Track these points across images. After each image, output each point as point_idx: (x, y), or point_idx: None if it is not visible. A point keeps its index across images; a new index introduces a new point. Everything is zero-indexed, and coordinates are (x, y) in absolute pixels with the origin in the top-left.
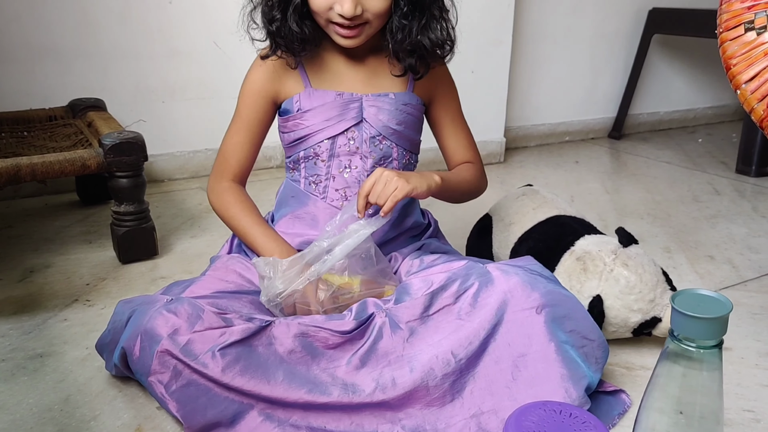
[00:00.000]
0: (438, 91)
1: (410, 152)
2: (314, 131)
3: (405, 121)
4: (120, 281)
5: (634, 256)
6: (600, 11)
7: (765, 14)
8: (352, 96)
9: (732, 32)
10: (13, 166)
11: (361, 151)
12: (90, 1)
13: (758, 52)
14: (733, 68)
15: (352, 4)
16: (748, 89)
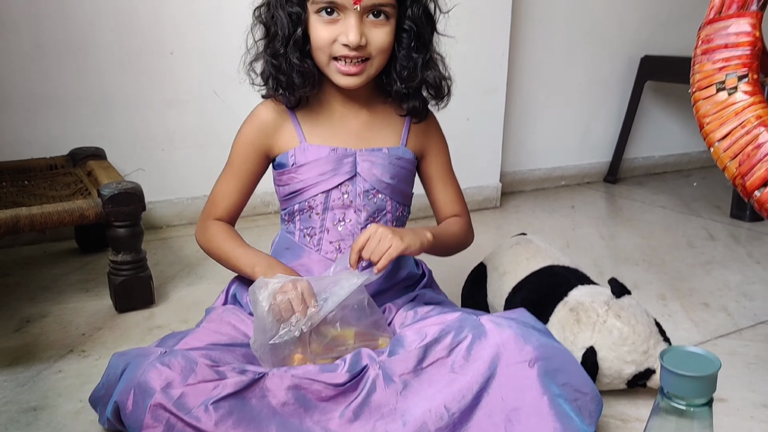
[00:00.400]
0: (430, 146)
1: (403, 205)
2: (309, 185)
3: (398, 175)
4: (116, 331)
5: (626, 307)
6: (593, 59)
7: (735, 75)
8: (347, 151)
9: (704, 92)
10: (12, 217)
11: (355, 205)
12: (92, 52)
13: (729, 112)
14: (706, 126)
15: (357, 32)
16: (720, 147)
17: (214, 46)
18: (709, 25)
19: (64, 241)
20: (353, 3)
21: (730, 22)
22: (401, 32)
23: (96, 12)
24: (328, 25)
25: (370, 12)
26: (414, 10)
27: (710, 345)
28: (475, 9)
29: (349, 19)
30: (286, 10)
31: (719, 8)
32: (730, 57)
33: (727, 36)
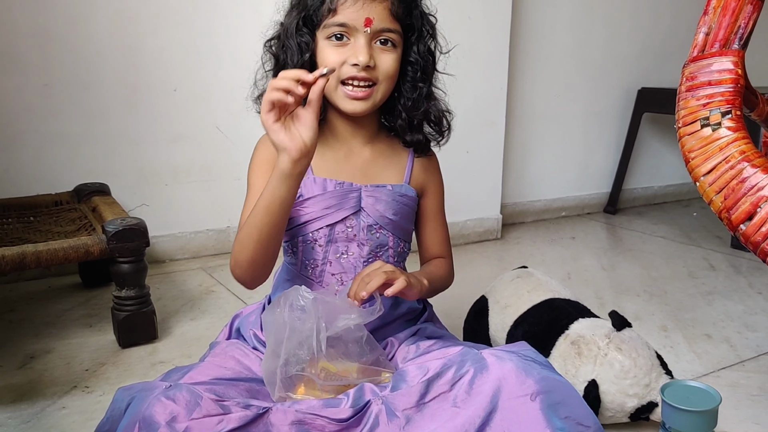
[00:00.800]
0: (429, 185)
1: (404, 241)
2: (313, 218)
3: (401, 211)
4: (119, 366)
5: (627, 340)
6: (590, 91)
7: (719, 111)
8: (352, 186)
9: (689, 128)
10: (19, 254)
11: (358, 239)
12: (98, 90)
13: (714, 147)
14: (692, 161)
15: (367, 53)
16: (706, 182)
17: (216, 82)
18: (692, 62)
19: (68, 276)
20: (364, 25)
21: (713, 60)
22: (406, 65)
23: (102, 52)
24: (337, 49)
25: (378, 38)
26: (419, 46)
27: (713, 377)
28: (474, 44)
29: (358, 42)
30: (297, 40)
31: (702, 47)
32: (714, 94)
33: (710, 73)
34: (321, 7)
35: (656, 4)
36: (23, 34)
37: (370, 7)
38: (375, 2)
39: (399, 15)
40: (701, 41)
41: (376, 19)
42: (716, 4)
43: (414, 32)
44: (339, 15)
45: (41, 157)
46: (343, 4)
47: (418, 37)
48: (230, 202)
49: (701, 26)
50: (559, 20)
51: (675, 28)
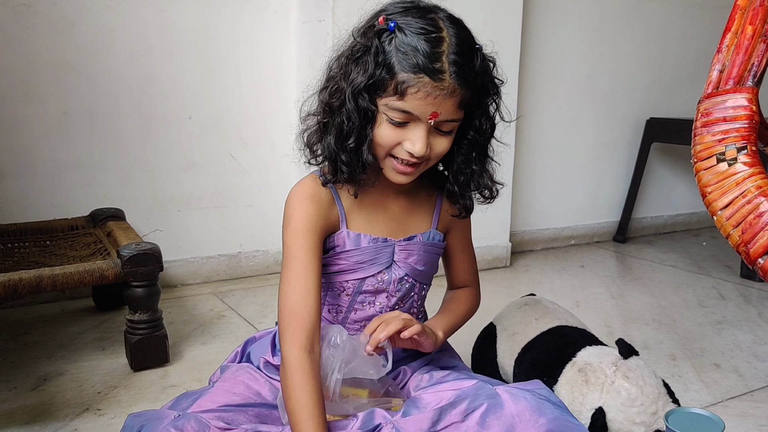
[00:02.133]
0: (455, 223)
1: (426, 285)
2: (345, 270)
3: (430, 261)
4: (131, 389)
5: (634, 368)
6: (599, 121)
7: (735, 147)
8: (387, 242)
9: (705, 162)
10: (36, 277)
11: (388, 291)
12: (114, 119)
13: (730, 182)
14: (709, 196)
15: (424, 143)
16: (723, 216)
17: (230, 111)
18: (707, 99)
19: (82, 299)
20: (428, 118)
21: (727, 97)
22: (463, 138)
23: (118, 82)
24: (396, 129)
25: (438, 125)
26: (482, 121)
27: (721, 407)
28: None
29: (418, 130)
30: (360, 105)
31: (716, 84)
32: (729, 129)
33: (725, 110)
34: (387, 82)
35: (665, 35)
36: (43, 65)
37: (441, 103)
38: (447, 98)
39: (468, 104)
40: (715, 78)
41: (443, 113)
42: (729, 43)
43: (479, 105)
44: (405, 102)
45: (58, 183)
46: (413, 94)
47: (483, 112)
48: (242, 228)
49: (715, 64)
50: (568, 51)
51: (684, 59)
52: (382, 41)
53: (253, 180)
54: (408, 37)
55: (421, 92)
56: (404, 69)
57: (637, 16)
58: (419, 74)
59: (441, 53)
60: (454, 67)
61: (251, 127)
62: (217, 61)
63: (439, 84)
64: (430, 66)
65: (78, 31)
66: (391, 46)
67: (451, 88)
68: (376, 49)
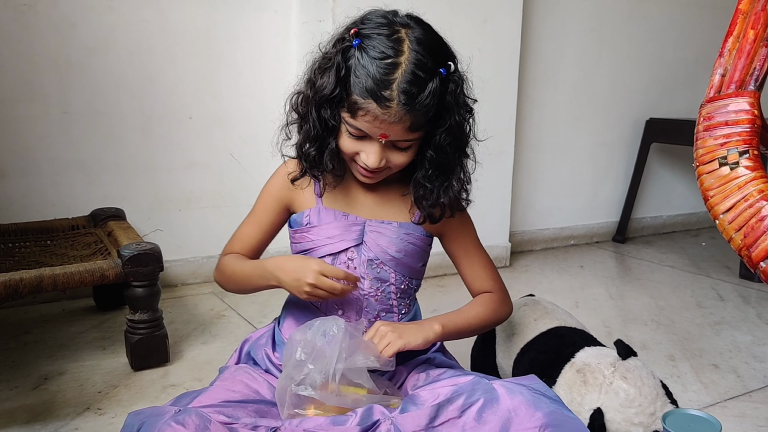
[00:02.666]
0: (449, 226)
1: (409, 278)
2: (317, 246)
3: (405, 249)
4: (131, 389)
5: (632, 369)
6: (598, 122)
7: (736, 150)
8: (356, 219)
9: (707, 166)
10: (36, 277)
11: (359, 271)
12: (115, 118)
13: (732, 186)
14: (711, 200)
15: (377, 158)
16: (725, 220)
17: (231, 111)
18: (709, 103)
19: (82, 298)
20: (378, 137)
21: (729, 101)
22: (425, 153)
23: (119, 82)
24: (354, 140)
25: (394, 142)
26: (441, 138)
27: (719, 407)
28: (483, 76)
29: (372, 145)
30: (322, 116)
31: (718, 87)
32: (731, 134)
33: (727, 114)
34: (344, 99)
35: (664, 35)
36: (44, 64)
37: (387, 127)
38: (393, 123)
39: (420, 126)
40: (717, 82)
41: (392, 135)
42: (731, 47)
43: (441, 121)
44: (357, 121)
45: (59, 183)
46: (363, 116)
47: (444, 130)
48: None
49: (717, 68)
50: (568, 52)
51: (683, 59)
52: (346, 57)
53: (253, 179)
54: (364, 59)
55: (369, 116)
56: (356, 91)
57: (635, 17)
58: (367, 99)
59: (392, 81)
60: (403, 96)
61: (252, 127)
62: (217, 60)
63: (385, 111)
64: (378, 93)
65: (79, 31)
66: (351, 65)
67: (398, 116)
68: (338, 65)
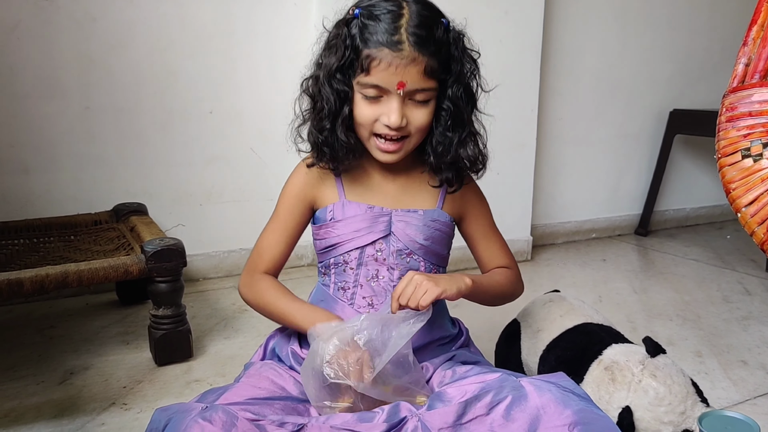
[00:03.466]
0: (468, 208)
1: (437, 266)
2: (344, 240)
3: (432, 236)
4: (155, 384)
5: (662, 367)
6: (621, 114)
7: (760, 142)
8: (383, 210)
9: (730, 158)
10: (62, 272)
11: (388, 263)
12: (136, 114)
13: (755, 178)
14: (733, 192)
15: (398, 114)
16: (748, 213)
17: (251, 105)
18: (732, 93)
19: (105, 293)
20: (396, 88)
21: (753, 91)
22: (440, 110)
23: (140, 77)
24: (371, 105)
25: (411, 96)
26: (454, 89)
27: (749, 405)
28: (505, 67)
29: (391, 102)
30: (334, 87)
31: (742, 77)
32: (755, 125)
33: (750, 104)
34: (355, 62)
35: (689, 24)
36: (66, 60)
37: (403, 72)
38: (408, 66)
39: (435, 71)
40: (741, 72)
41: (410, 81)
42: (756, 36)
43: (451, 74)
44: (371, 76)
45: (81, 178)
46: (376, 67)
47: (455, 80)
48: (263, 221)
49: (741, 57)
50: (590, 42)
51: (708, 49)
52: (350, 27)
53: (273, 174)
54: (371, 19)
55: (383, 63)
56: (367, 46)
57: (660, 6)
58: (379, 47)
59: (399, 26)
60: (413, 37)
61: (271, 121)
62: (237, 54)
63: (398, 54)
64: (389, 39)
65: (100, 27)
66: (356, 30)
67: (411, 56)
68: (344, 34)
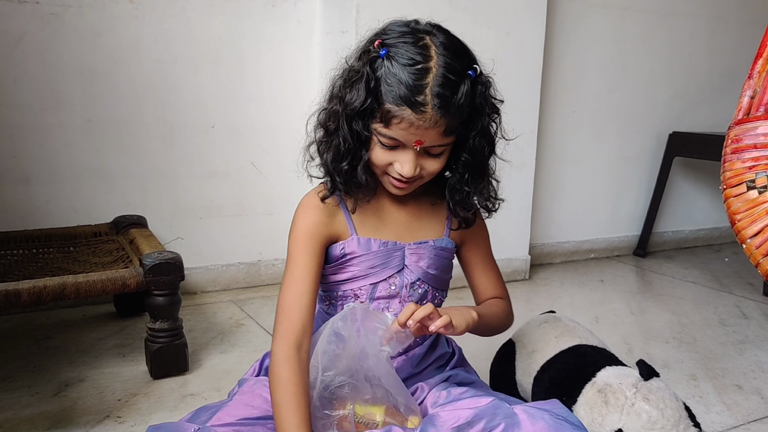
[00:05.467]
0: (471, 235)
1: (442, 290)
2: (357, 276)
3: (441, 265)
4: (150, 398)
5: (655, 390)
6: (621, 135)
7: (765, 174)
8: (396, 245)
9: (735, 189)
10: (60, 284)
11: (401, 295)
12: (138, 127)
13: (760, 210)
14: (738, 223)
15: (412, 167)
16: (753, 244)
17: (253, 120)
18: (737, 125)
19: (103, 304)
20: (413, 145)
21: (758, 124)
22: (458, 158)
23: (143, 91)
24: (387, 151)
25: (428, 149)
26: (475, 142)
27: (743, 430)
28: (506, 87)
29: (406, 154)
30: (354, 130)
31: (747, 110)
32: (760, 157)
33: (755, 136)
34: (376, 111)
35: (688, 48)
36: (69, 74)
37: (423, 133)
38: (429, 128)
39: (455, 130)
40: (746, 104)
41: (428, 141)
42: (761, 69)
43: (473, 127)
44: (391, 130)
45: (82, 190)
46: (397, 124)
47: (476, 133)
48: (261, 235)
49: (746, 89)
50: (591, 64)
51: (707, 72)
52: (374, 68)
53: (273, 188)
54: (395, 67)
55: (404, 123)
56: (389, 100)
57: (660, 29)
58: (402, 106)
59: (424, 86)
60: (437, 99)
61: (273, 136)
62: (240, 70)
63: (420, 116)
64: (413, 99)
65: (105, 41)
66: (381, 74)
67: (434, 120)
68: (367, 76)
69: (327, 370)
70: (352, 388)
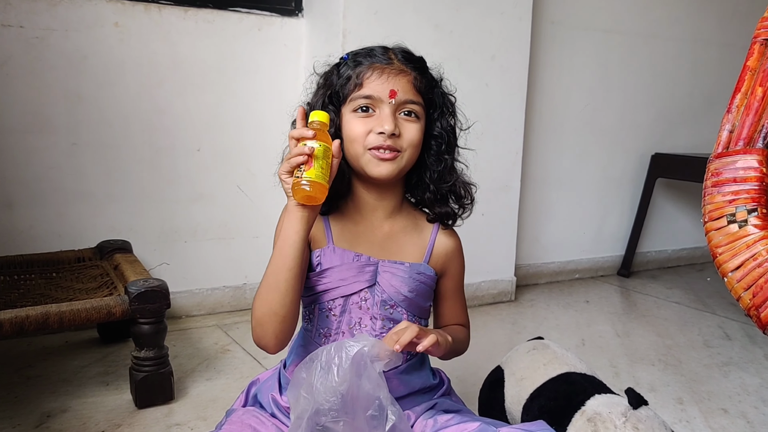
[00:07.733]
0: (450, 267)
1: (419, 317)
2: (330, 288)
3: (417, 289)
4: (135, 428)
5: (644, 419)
6: (604, 157)
7: (745, 208)
8: (369, 260)
9: (716, 223)
10: (42, 314)
11: (371, 312)
12: (124, 150)
13: (741, 244)
14: (719, 257)
15: (391, 120)
16: (734, 278)
17: (239, 143)
18: (717, 159)
19: (86, 330)
20: (389, 97)
21: (737, 158)
22: (430, 139)
23: (128, 114)
24: (363, 120)
25: (402, 109)
26: (442, 121)
27: None
28: (491, 110)
29: (384, 112)
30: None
31: (726, 144)
32: (739, 191)
33: (735, 170)
34: (347, 83)
35: (670, 70)
36: (55, 97)
37: (394, 81)
38: (399, 76)
39: (421, 89)
40: (725, 138)
41: (400, 91)
42: (739, 103)
43: (436, 108)
44: (365, 88)
45: (66, 214)
46: (369, 78)
47: (440, 114)
48: (247, 259)
49: (725, 123)
50: (575, 87)
51: (689, 94)
52: (340, 67)
53: (259, 212)
54: (360, 54)
55: (375, 74)
56: (359, 66)
57: (642, 52)
58: (372, 64)
59: (388, 49)
60: (401, 54)
61: (259, 160)
62: (226, 93)
63: (389, 65)
64: (379, 54)
65: (90, 64)
66: (344, 70)
67: (400, 68)
68: (336, 71)
69: (321, 405)
70: (346, 426)
